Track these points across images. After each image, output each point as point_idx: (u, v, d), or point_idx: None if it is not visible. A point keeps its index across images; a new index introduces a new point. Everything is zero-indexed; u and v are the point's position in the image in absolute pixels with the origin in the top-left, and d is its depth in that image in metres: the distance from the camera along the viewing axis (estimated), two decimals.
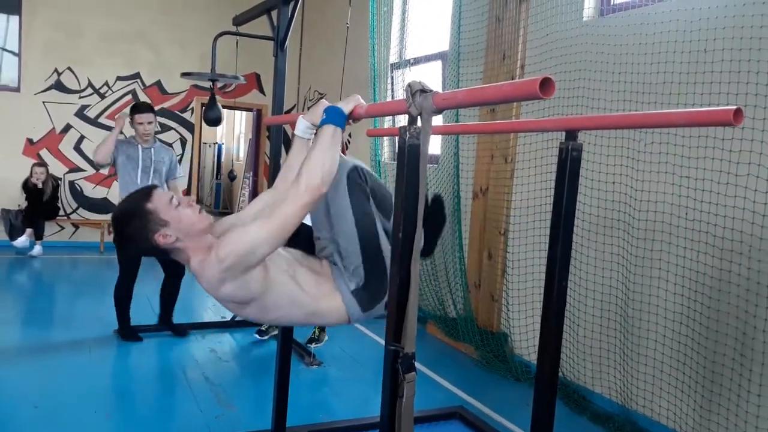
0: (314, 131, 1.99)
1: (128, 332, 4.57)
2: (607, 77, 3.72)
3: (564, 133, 1.80)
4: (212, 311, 5.59)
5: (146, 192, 1.74)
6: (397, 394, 1.46)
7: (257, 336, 4.74)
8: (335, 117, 1.73)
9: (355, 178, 1.87)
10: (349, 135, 7.16)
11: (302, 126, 1.96)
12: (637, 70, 3.53)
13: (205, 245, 1.72)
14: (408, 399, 1.45)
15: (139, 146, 4.46)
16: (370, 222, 1.87)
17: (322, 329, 4.65)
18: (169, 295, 4.75)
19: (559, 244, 1.76)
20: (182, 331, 4.76)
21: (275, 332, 4.66)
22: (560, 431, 1.95)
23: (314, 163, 1.65)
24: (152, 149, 4.53)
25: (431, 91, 1.41)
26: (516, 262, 4.48)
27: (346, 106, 1.76)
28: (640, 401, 3.49)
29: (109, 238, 5.02)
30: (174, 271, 4.63)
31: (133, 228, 1.71)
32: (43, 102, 7.90)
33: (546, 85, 1.12)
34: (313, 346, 4.50)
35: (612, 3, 3.96)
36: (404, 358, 1.45)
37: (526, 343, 4.37)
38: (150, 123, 4.47)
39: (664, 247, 3.38)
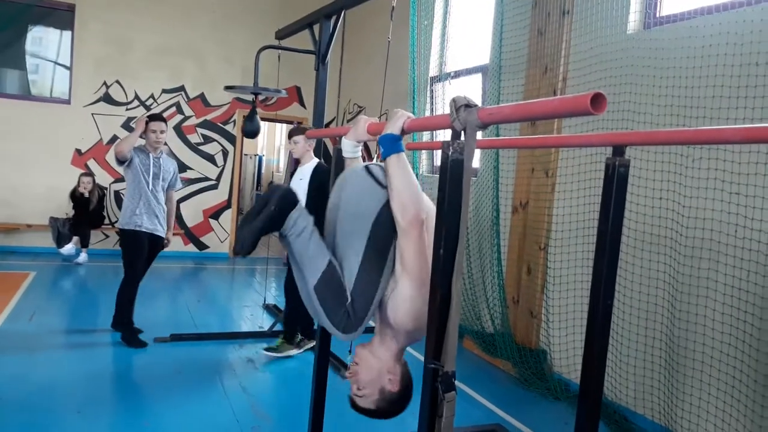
0: (360, 148, 2.00)
1: (132, 336, 4.63)
2: (653, 91, 3.64)
3: (610, 148, 1.75)
4: (250, 321, 5.64)
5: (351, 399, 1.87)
6: (436, 413, 1.43)
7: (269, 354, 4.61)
8: (390, 145, 1.68)
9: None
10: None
11: (348, 147, 1.96)
12: (684, 84, 3.45)
13: (397, 340, 1.82)
14: (448, 419, 1.42)
15: (150, 155, 4.71)
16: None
17: None
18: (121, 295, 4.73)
19: (604, 261, 1.71)
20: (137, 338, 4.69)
21: (309, 345, 4.67)
22: None
23: (398, 198, 1.63)
24: (161, 159, 4.80)
25: (476, 105, 1.38)
26: (557, 278, 4.40)
27: (394, 127, 1.70)
28: (685, 423, 3.37)
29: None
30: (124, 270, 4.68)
31: (383, 408, 1.83)
32: (92, 114, 8.12)
33: (597, 101, 1.08)
34: (350, 356, 4.47)
35: (658, 15, 3.88)
36: (444, 376, 1.41)
37: (566, 360, 4.28)
38: (162, 132, 4.72)
39: (712, 266, 3.27)
